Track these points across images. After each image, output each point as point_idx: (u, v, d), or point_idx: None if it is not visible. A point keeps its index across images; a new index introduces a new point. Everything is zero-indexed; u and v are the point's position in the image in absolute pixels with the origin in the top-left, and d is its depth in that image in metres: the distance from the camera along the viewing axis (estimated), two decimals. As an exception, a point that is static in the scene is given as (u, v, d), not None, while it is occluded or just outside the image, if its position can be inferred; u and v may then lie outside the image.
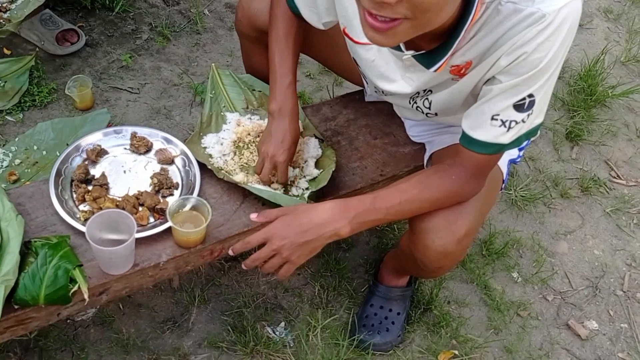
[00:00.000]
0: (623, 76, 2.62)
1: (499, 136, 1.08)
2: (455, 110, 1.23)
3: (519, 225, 1.99)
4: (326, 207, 1.14)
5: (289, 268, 1.16)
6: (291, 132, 1.30)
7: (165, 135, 1.41)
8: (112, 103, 2.04)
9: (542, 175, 2.16)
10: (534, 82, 1.02)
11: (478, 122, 1.09)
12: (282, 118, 1.30)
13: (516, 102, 1.04)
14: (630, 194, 2.17)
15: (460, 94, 1.17)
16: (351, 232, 1.14)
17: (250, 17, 1.47)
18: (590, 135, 2.33)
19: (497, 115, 1.06)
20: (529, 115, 1.05)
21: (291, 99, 1.31)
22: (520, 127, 1.07)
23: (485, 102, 1.07)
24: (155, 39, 2.26)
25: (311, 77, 2.29)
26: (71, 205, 1.28)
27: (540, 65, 0.99)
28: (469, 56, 1.07)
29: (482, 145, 1.10)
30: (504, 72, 1.03)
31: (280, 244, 1.13)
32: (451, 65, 1.10)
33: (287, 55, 1.32)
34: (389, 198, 1.14)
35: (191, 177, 1.35)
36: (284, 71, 1.31)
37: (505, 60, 1.02)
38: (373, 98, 1.63)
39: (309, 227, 1.12)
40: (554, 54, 0.99)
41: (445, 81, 1.17)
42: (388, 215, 1.15)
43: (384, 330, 1.59)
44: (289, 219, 1.14)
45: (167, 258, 1.25)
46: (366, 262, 1.79)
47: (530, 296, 1.81)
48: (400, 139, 1.57)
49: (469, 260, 1.84)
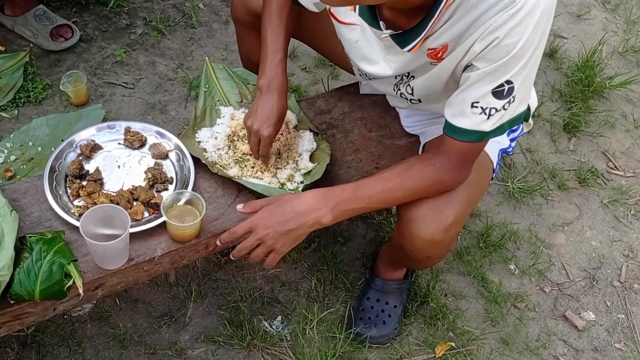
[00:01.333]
0: (621, 67, 2.61)
1: (479, 124, 1.08)
2: (438, 96, 1.23)
3: (516, 217, 1.99)
4: (308, 196, 1.15)
5: (274, 257, 1.17)
6: (278, 107, 1.29)
7: (159, 130, 1.41)
8: (107, 98, 2.03)
9: (540, 167, 2.15)
10: (510, 68, 1.02)
11: (459, 109, 1.09)
12: (270, 93, 1.29)
13: (494, 88, 1.04)
14: (628, 185, 2.17)
15: (439, 79, 1.17)
16: (333, 220, 1.14)
17: (245, 2, 1.46)
18: (587, 127, 2.33)
19: (476, 102, 1.06)
20: (510, 103, 1.06)
21: (281, 75, 1.31)
22: (502, 114, 1.07)
23: (464, 89, 1.08)
24: (150, 33, 2.25)
25: (307, 70, 2.28)
26: (66, 201, 1.28)
27: (514, 51, 0.99)
28: (445, 39, 1.07)
29: (464, 132, 1.10)
30: (480, 59, 1.04)
31: (264, 233, 1.14)
32: (428, 48, 1.10)
33: (279, 33, 1.32)
34: (371, 187, 1.15)
35: (185, 171, 1.35)
36: (275, 48, 1.31)
37: (479, 46, 1.02)
38: (368, 90, 1.62)
39: (292, 216, 1.13)
40: (528, 39, 0.99)
41: (425, 65, 1.17)
42: (371, 204, 1.15)
43: (380, 323, 1.59)
44: (272, 208, 1.16)
45: (162, 252, 1.25)
46: (363, 256, 1.79)
47: (527, 288, 1.81)
48: (396, 131, 1.57)
49: (466, 253, 1.84)
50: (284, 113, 1.31)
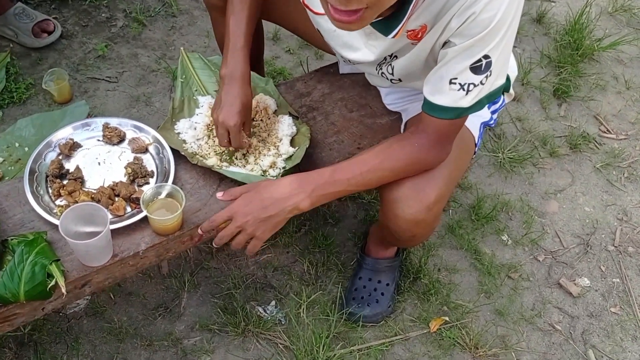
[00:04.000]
0: (610, 27, 2.56)
1: (458, 100, 1.07)
2: (418, 75, 1.21)
3: (507, 188, 1.98)
4: (286, 182, 1.15)
5: (255, 244, 1.18)
6: (241, 95, 1.28)
7: (136, 124, 1.40)
8: (90, 94, 2.02)
9: (530, 135, 2.14)
10: (488, 42, 1.00)
11: (437, 87, 1.08)
12: (232, 83, 1.28)
13: (472, 64, 1.03)
14: (620, 148, 2.14)
15: (418, 58, 1.16)
16: (311, 205, 1.14)
17: None
18: (578, 91, 2.30)
19: (454, 78, 1.05)
20: (487, 77, 1.04)
21: (242, 63, 1.29)
22: (480, 89, 1.05)
23: (442, 66, 1.06)
24: (131, 25, 2.23)
25: (291, 52, 2.26)
26: (47, 201, 1.28)
27: (491, 25, 0.98)
28: (423, 20, 1.06)
29: (443, 110, 1.09)
30: (457, 35, 1.02)
31: (244, 220, 1.14)
32: (407, 30, 1.09)
33: (241, 19, 1.30)
34: (349, 169, 1.15)
35: (165, 164, 1.35)
36: (236, 35, 1.30)
37: (455, 22, 1.01)
38: (347, 70, 1.61)
39: (270, 203, 1.14)
40: (504, 13, 0.98)
41: (405, 46, 1.15)
42: (350, 187, 1.15)
43: (373, 301, 1.60)
44: (250, 195, 1.16)
45: (146, 246, 1.26)
46: (354, 236, 1.79)
47: (520, 258, 1.81)
48: (377, 110, 1.56)
49: (458, 226, 1.83)
50: (248, 100, 1.30)
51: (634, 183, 2.05)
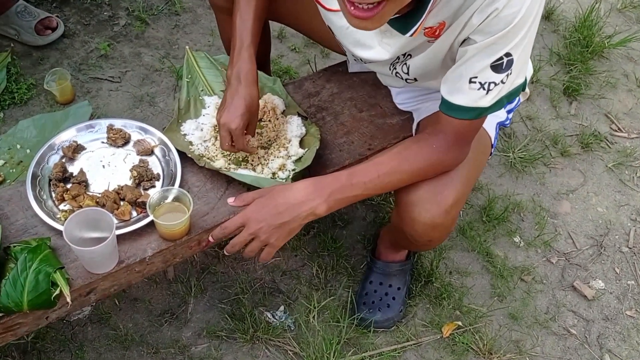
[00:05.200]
0: (620, 24, 2.52)
1: (478, 100, 1.03)
2: (435, 73, 1.17)
3: (519, 188, 1.94)
4: (301, 187, 1.10)
5: (269, 251, 1.13)
6: (245, 97, 1.23)
7: (141, 125, 1.36)
8: (93, 94, 1.98)
9: (541, 134, 2.10)
10: (510, 39, 0.96)
11: (456, 86, 1.04)
12: (237, 84, 1.24)
13: (493, 62, 0.99)
14: (632, 147, 2.11)
15: (436, 57, 1.12)
16: (328, 210, 1.10)
17: None
18: (588, 89, 2.26)
19: (474, 77, 1.01)
20: (508, 76, 1.00)
21: (247, 62, 1.24)
22: (500, 88, 1.01)
23: (461, 64, 1.02)
24: (133, 24, 2.19)
25: (296, 50, 2.22)
26: (51, 206, 1.24)
27: (514, 22, 0.94)
28: (441, 17, 1.01)
29: (462, 110, 1.05)
30: (478, 32, 0.98)
31: (257, 227, 1.09)
32: (425, 27, 1.04)
33: (247, 19, 1.25)
34: (366, 172, 1.10)
35: (172, 166, 1.31)
36: (242, 35, 1.25)
37: (477, 19, 0.96)
38: (357, 68, 1.57)
39: (285, 208, 1.08)
40: (528, 9, 0.94)
41: (422, 44, 1.11)
42: (367, 190, 1.10)
43: (384, 306, 1.56)
44: (264, 200, 1.11)
45: (153, 252, 1.22)
46: (364, 238, 1.75)
47: (533, 260, 1.77)
48: (387, 109, 1.52)
49: (469, 228, 1.80)
50: (254, 102, 1.25)
51: (647, 183, 2.02)
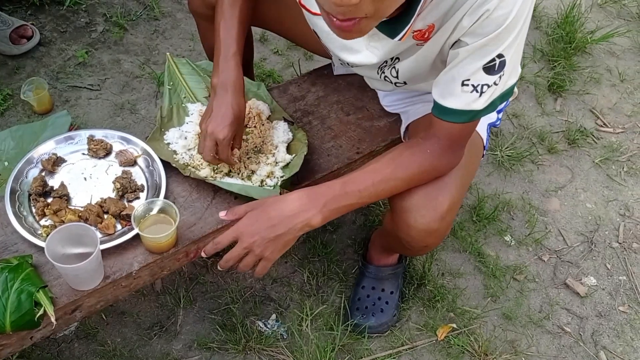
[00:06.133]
0: (601, 19, 2.53)
1: (471, 102, 1.00)
2: (425, 76, 1.15)
3: (507, 187, 1.93)
4: (294, 198, 1.06)
5: (264, 265, 1.10)
6: (233, 106, 1.19)
7: (123, 135, 1.32)
8: (72, 103, 1.93)
9: (527, 131, 2.09)
10: (502, 40, 0.94)
11: (448, 89, 1.01)
12: (223, 92, 1.20)
13: (486, 64, 0.96)
14: (618, 142, 2.11)
15: (425, 60, 1.10)
16: (323, 220, 1.06)
17: None
18: (572, 85, 2.26)
19: (467, 80, 0.98)
20: (501, 77, 0.98)
21: (233, 71, 1.21)
22: (493, 90, 0.99)
23: (453, 67, 1.00)
24: (111, 30, 2.14)
25: (279, 53, 2.19)
26: (31, 222, 1.20)
27: (505, 23, 0.92)
28: (430, 19, 0.99)
29: (455, 113, 1.02)
30: (469, 34, 0.96)
31: (251, 241, 1.06)
32: (413, 30, 1.02)
33: (232, 26, 1.22)
34: (360, 181, 1.07)
35: (156, 177, 1.27)
36: (227, 42, 1.22)
37: (467, 21, 0.94)
38: (342, 71, 1.54)
39: (279, 221, 1.05)
40: (520, 9, 0.91)
41: (411, 47, 1.09)
42: (362, 199, 1.07)
43: (378, 311, 1.54)
44: (257, 213, 1.07)
45: (140, 266, 1.18)
46: (354, 242, 1.73)
47: (525, 259, 1.76)
48: (374, 112, 1.50)
49: (460, 229, 1.78)
50: (241, 112, 1.22)
51: (633, 177, 2.02)
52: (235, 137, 1.22)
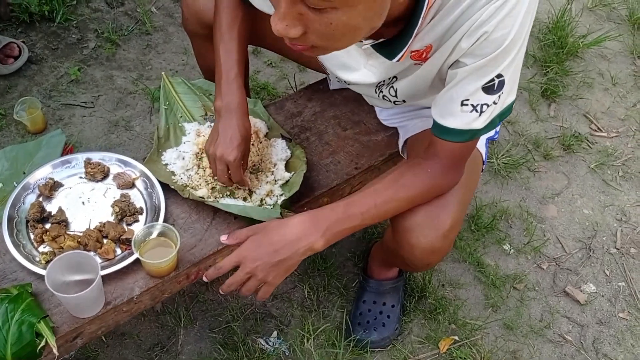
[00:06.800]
0: (592, 23, 2.55)
1: (471, 122, 1.01)
2: (424, 94, 1.15)
3: (505, 194, 1.93)
4: (297, 222, 1.06)
5: (266, 290, 1.09)
6: (240, 128, 1.20)
7: (121, 157, 1.31)
8: (66, 121, 1.92)
9: (523, 138, 2.10)
10: (501, 61, 0.94)
11: (448, 109, 1.01)
12: (228, 115, 1.20)
13: (485, 84, 0.97)
14: (613, 146, 2.12)
15: (424, 80, 1.10)
16: (326, 244, 1.06)
17: (197, 13, 1.37)
18: (566, 90, 2.27)
19: (466, 100, 0.99)
20: (500, 96, 0.99)
21: (237, 93, 1.21)
22: (493, 109, 1.00)
23: (452, 87, 1.00)
24: (104, 46, 2.13)
25: (272, 65, 2.19)
26: (30, 249, 1.18)
27: (504, 44, 0.92)
28: (428, 40, 0.99)
29: (455, 133, 1.02)
30: (468, 55, 0.96)
31: (253, 265, 1.05)
32: (411, 51, 1.02)
33: (232, 48, 1.22)
34: (362, 203, 1.07)
35: (155, 199, 1.26)
36: (228, 65, 1.22)
37: (466, 42, 0.94)
38: (338, 85, 1.54)
39: (281, 246, 1.05)
40: (518, 30, 0.92)
41: (409, 67, 1.09)
42: (365, 221, 1.07)
43: (380, 325, 1.53)
44: (259, 238, 1.07)
45: (141, 291, 1.17)
46: (354, 255, 1.72)
47: (524, 267, 1.77)
48: (372, 126, 1.49)
49: (459, 239, 1.78)
50: (247, 133, 1.22)
51: (629, 181, 2.03)
52: (243, 158, 1.22)
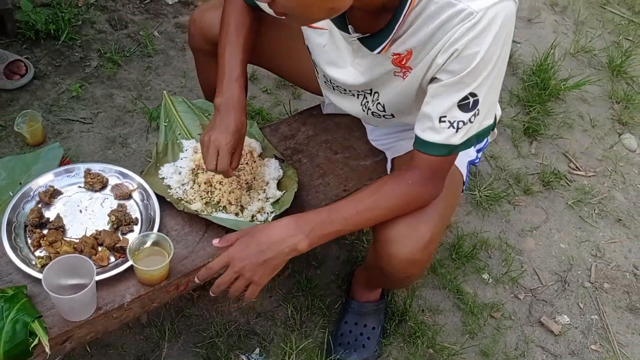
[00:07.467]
0: (574, 68, 2.67)
1: (449, 137, 1.09)
2: (410, 109, 1.24)
3: (485, 226, 2.00)
4: (282, 224, 1.13)
5: (254, 289, 1.15)
6: (236, 121, 1.26)
7: (120, 169, 1.37)
8: (64, 135, 1.97)
9: (504, 172, 2.18)
10: (472, 79, 1.03)
11: (427, 124, 1.10)
12: (226, 110, 1.26)
13: (459, 101, 1.05)
14: (590, 185, 2.21)
15: (408, 94, 1.19)
16: (310, 246, 1.13)
17: (203, 29, 1.45)
18: (547, 129, 2.37)
19: (444, 116, 1.08)
20: (476, 116, 1.07)
21: (237, 92, 1.28)
22: (469, 127, 1.08)
23: (430, 102, 1.09)
24: (105, 65, 2.20)
25: (268, 92, 2.27)
26: (26, 252, 1.23)
27: (474, 63, 1.01)
28: (409, 45, 1.09)
29: (434, 146, 1.11)
30: (443, 71, 1.05)
31: (241, 265, 1.12)
32: (393, 53, 1.11)
33: (237, 51, 1.30)
34: (345, 208, 1.14)
35: (150, 210, 1.32)
36: (231, 66, 1.29)
37: (441, 59, 1.04)
38: (331, 110, 1.62)
39: (267, 246, 1.11)
40: (488, 52, 1.00)
41: (389, 74, 1.17)
42: (347, 226, 1.14)
43: (360, 347, 1.58)
44: (247, 239, 1.13)
45: (132, 298, 1.21)
46: (338, 278, 1.77)
47: (502, 296, 1.83)
48: (361, 151, 1.57)
49: (440, 266, 1.84)
50: (243, 127, 1.28)
51: (604, 219, 2.11)
52: (234, 153, 1.27)
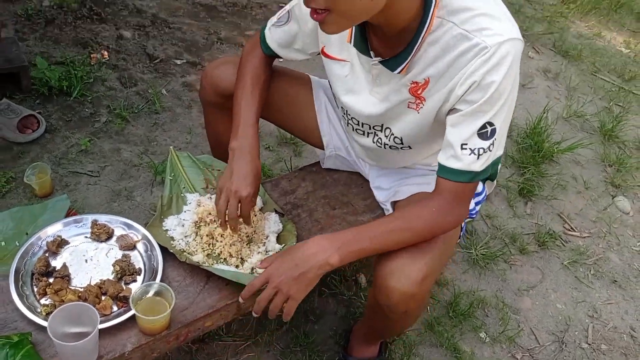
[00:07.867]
0: (566, 131, 2.77)
1: (470, 164, 1.17)
2: (426, 139, 1.33)
3: (482, 284, 2.03)
4: (315, 240, 1.22)
5: (291, 305, 1.21)
6: (252, 168, 1.34)
7: (126, 221, 1.42)
8: (71, 188, 2.03)
9: (500, 232, 2.22)
10: (489, 107, 1.12)
11: (450, 152, 1.19)
12: (242, 155, 1.35)
13: (479, 129, 1.14)
14: (585, 245, 2.25)
15: (424, 125, 1.27)
16: (340, 261, 1.19)
17: (214, 83, 1.53)
18: (541, 190, 2.43)
19: (465, 144, 1.16)
20: (494, 143, 1.16)
21: (252, 137, 1.37)
22: (488, 155, 1.17)
23: (452, 131, 1.18)
24: (114, 121, 2.29)
25: (270, 149, 2.34)
26: (32, 300, 1.26)
27: (490, 91, 1.11)
28: (427, 74, 1.18)
29: (458, 173, 1.19)
30: (462, 101, 1.15)
31: (279, 280, 1.19)
32: (412, 81, 1.20)
33: (252, 103, 1.40)
34: (372, 229, 1.23)
35: (153, 261, 1.35)
36: (247, 115, 1.39)
37: (460, 90, 1.14)
38: (330, 164, 1.67)
39: (301, 260, 1.19)
40: (502, 83, 1.10)
41: (404, 103, 1.25)
42: (372, 245, 1.21)
43: (357, 403, 1.58)
44: (283, 256, 1.23)
45: (132, 347, 1.23)
46: (335, 334, 1.78)
47: (499, 356, 1.83)
48: (359, 207, 1.62)
49: (437, 323, 1.86)
50: (259, 173, 1.37)
51: (600, 280, 2.14)
52: (254, 195, 1.36)
